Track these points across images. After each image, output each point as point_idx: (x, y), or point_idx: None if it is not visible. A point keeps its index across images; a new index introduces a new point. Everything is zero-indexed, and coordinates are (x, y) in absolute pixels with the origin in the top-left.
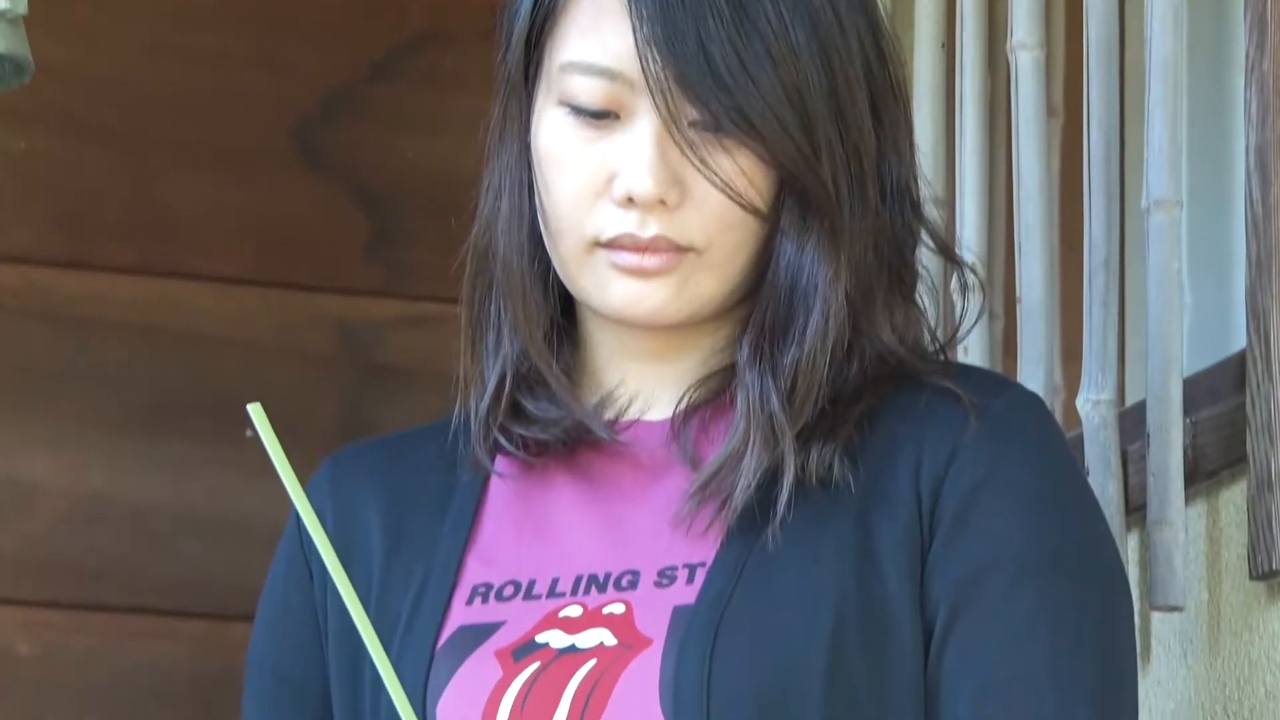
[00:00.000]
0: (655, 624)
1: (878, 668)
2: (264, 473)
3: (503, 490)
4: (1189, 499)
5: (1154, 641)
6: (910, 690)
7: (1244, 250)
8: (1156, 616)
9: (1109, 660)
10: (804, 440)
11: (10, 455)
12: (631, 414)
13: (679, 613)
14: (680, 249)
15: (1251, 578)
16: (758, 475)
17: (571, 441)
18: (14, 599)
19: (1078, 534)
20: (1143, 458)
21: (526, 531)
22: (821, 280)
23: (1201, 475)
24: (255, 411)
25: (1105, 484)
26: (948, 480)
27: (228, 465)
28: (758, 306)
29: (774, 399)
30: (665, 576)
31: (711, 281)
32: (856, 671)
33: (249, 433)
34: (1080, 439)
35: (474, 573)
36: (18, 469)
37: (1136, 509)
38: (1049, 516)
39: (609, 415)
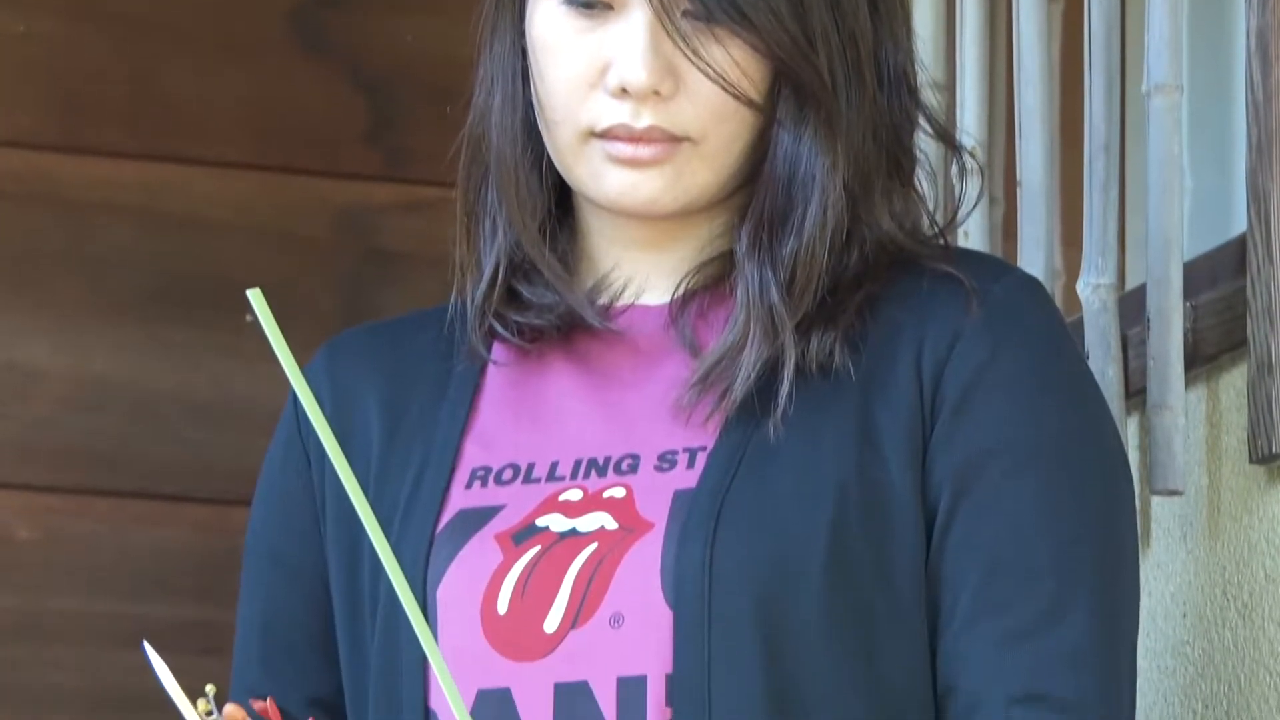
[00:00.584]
0: (656, 508)
1: (879, 554)
2: (264, 358)
3: (499, 377)
4: (1189, 383)
5: (1154, 525)
6: (911, 577)
7: (1244, 134)
8: (1156, 500)
9: (1110, 544)
10: (804, 329)
11: (11, 340)
12: (626, 298)
13: (680, 497)
14: (675, 139)
15: (1251, 461)
16: (757, 367)
17: (568, 328)
18: (15, 483)
19: (1078, 419)
20: (1143, 342)
21: (524, 417)
22: (819, 170)
23: (1201, 359)
24: (255, 297)
25: (1105, 368)
26: (949, 366)
27: (229, 350)
28: (755, 197)
29: (773, 290)
30: (665, 461)
31: (706, 172)
32: (858, 557)
33: (249, 318)
34: (1080, 323)
35: (472, 456)
36: (19, 354)
37: (1136, 393)
38: (1050, 402)
39: (604, 300)
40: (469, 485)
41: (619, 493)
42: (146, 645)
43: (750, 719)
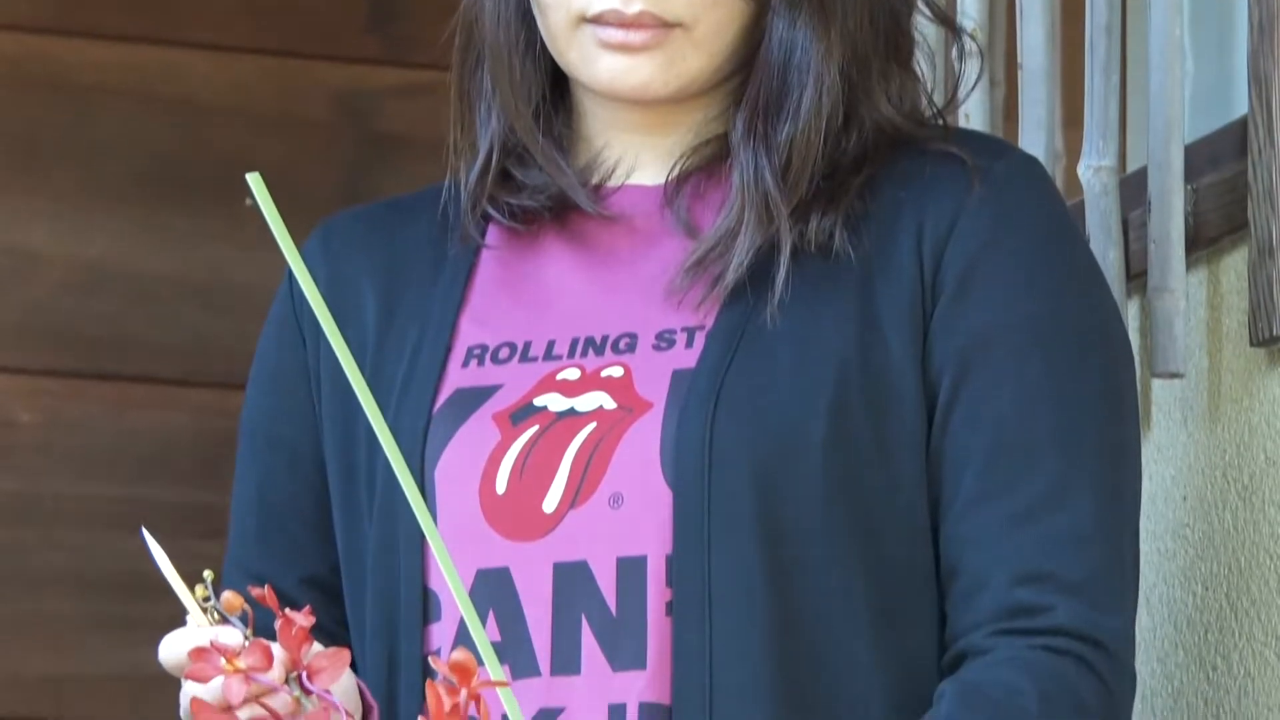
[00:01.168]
0: (654, 388)
1: (879, 434)
2: (263, 242)
3: (495, 259)
4: (1190, 266)
5: (1154, 408)
6: (911, 457)
7: (1246, 15)
8: (1157, 383)
9: (1113, 425)
10: (803, 212)
11: (9, 224)
12: (618, 178)
13: (678, 376)
14: (666, 24)
15: (1252, 344)
16: (751, 253)
17: (562, 210)
18: (14, 367)
19: (1080, 300)
20: (1144, 225)
21: (521, 297)
22: (814, 56)
23: (1202, 242)
24: (254, 181)
25: (1106, 251)
26: (950, 246)
27: (227, 234)
28: (750, 83)
29: (768, 177)
30: (663, 340)
31: (699, 57)
32: (858, 437)
33: (248, 202)
34: (1081, 206)
35: (469, 335)
36: (17, 237)
37: (1137, 276)
38: (1052, 283)
39: (596, 179)
40: (466, 364)
41: (617, 372)
42: (145, 532)
43: (750, 599)
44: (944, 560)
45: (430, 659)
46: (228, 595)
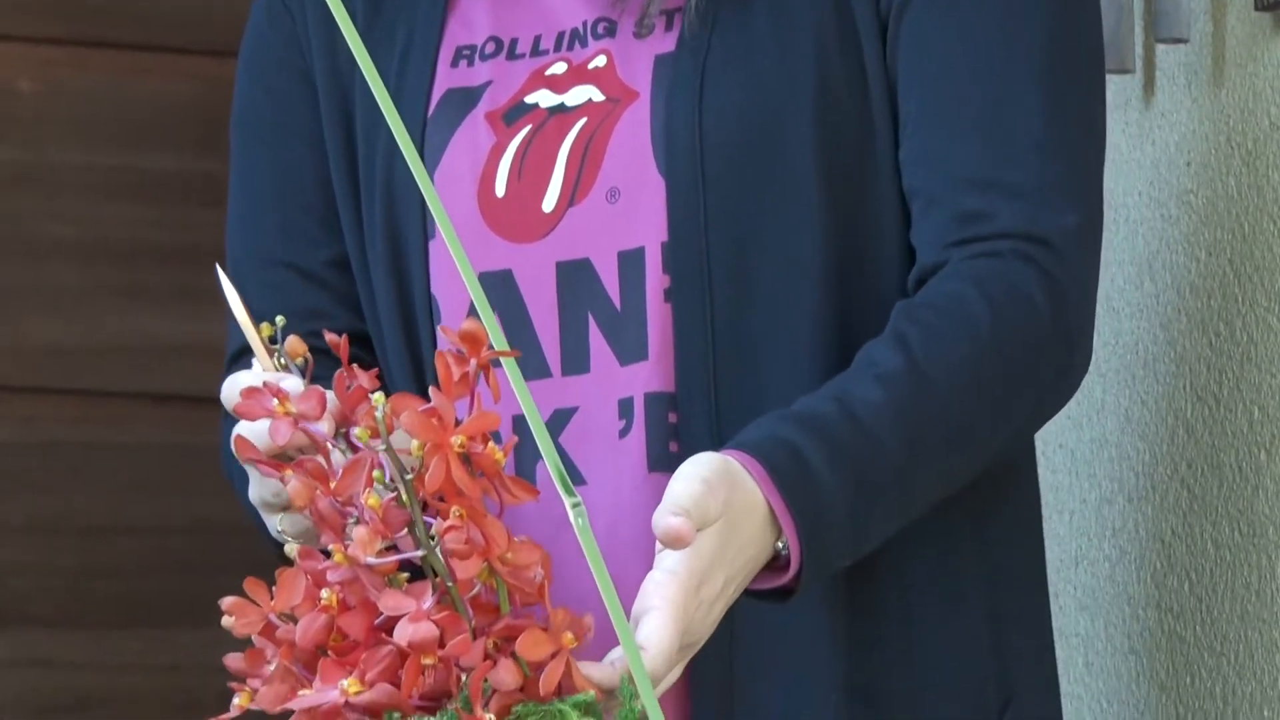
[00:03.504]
0: (638, 75)
1: (859, 91)
2: None
3: None
4: None
5: (1158, 74)
6: (891, 119)
7: None
8: (1160, 48)
9: (1065, 37)
10: None
11: None
12: None
13: (661, 62)
14: None
15: (1256, 9)
16: None
17: None
18: (15, 35)
19: None
20: None
21: None
22: None
23: None
24: None
25: None
26: None
27: None
28: None
29: None
30: (643, 27)
31: None
32: (841, 98)
33: None
34: None
35: (455, 35)
36: None
37: None
38: None
39: None
40: (454, 64)
41: (601, 61)
42: (220, 271)
43: (747, 280)
44: (904, 187)
45: (439, 328)
46: (291, 341)
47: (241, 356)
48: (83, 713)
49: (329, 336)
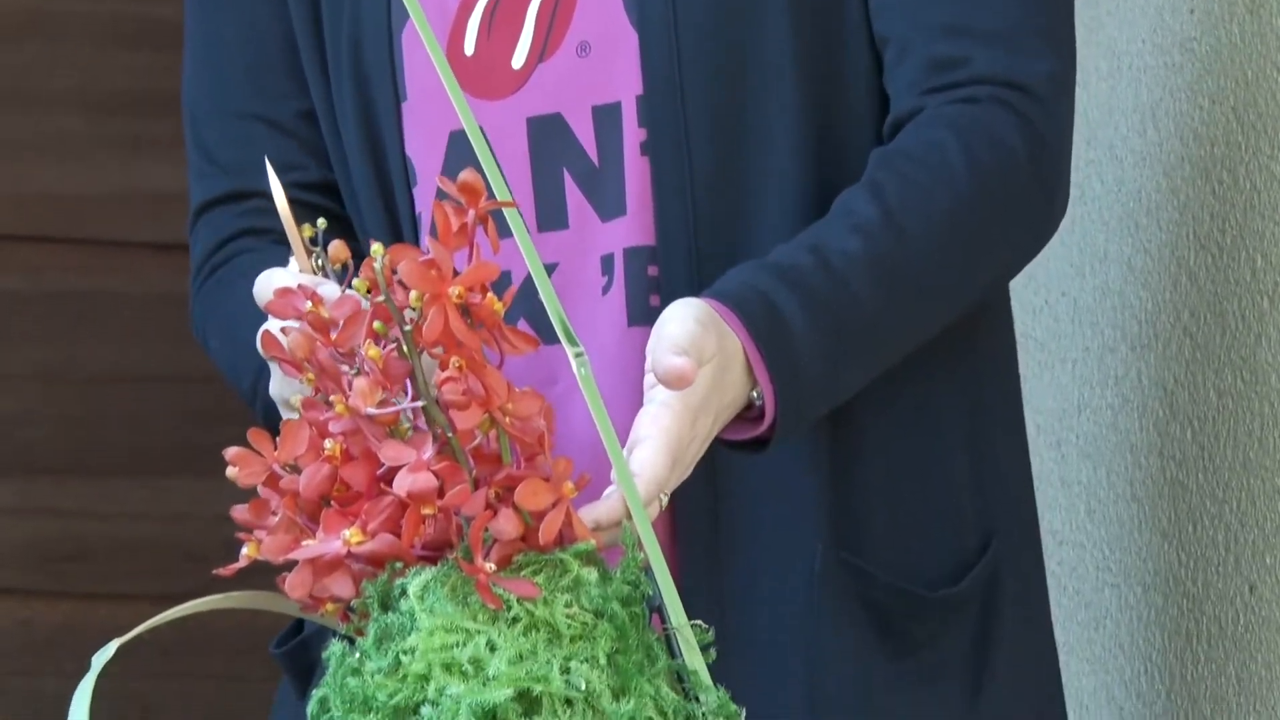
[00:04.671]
0: None
1: None
2: None
3: None
4: None
5: None
6: None
7: None
8: None
9: None
10: None
11: None
12: None
13: None
14: None
15: None
16: None
17: None
18: None
19: None
20: None
21: None
22: None
23: None
24: None
25: None
26: None
27: None
28: None
29: None
30: None
31: None
32: None
33: None
34: None
35: None
36: None
37: None
38: None
39: None
40: None
41: None
42: (268, 164)
43: (724, 133)
44: (875, 35)
45: (438, 178)
46: (335, 245)
47: (210, 209)
48: (87, 561)
49: (373, 244)
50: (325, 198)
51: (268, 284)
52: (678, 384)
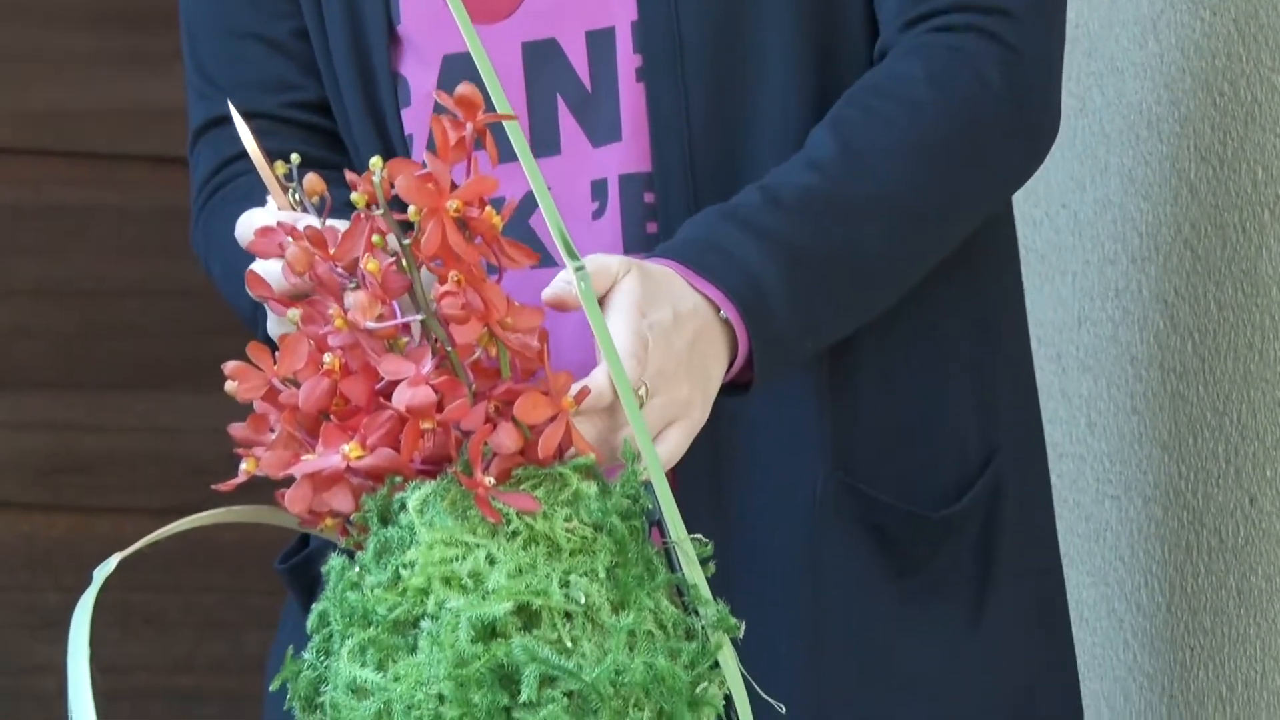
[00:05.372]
0: None
1: None
2: None
3: None
4: None
5: None
6: None
7: None
8: None
9: None
10: None
11: None
12: None
13: None
14: None
15: None
16: None
17: None
18: None
19: None
20: None
21: None
22: None
23: None
24: None
25: None
26: None
27: None
28: None
29: None
30: None
31: None
32: None
33: None
34: None
35: None
36: None
37: None
38: None
39: None
40: None
41: None
42: (232, 106)
43: (718, 54)
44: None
45: (435, 92)
46: (309, 178)
47: (210, 129)
48: (86, 474)
49: (349, 176)
50: (325, 118)
51: (248, 224)
52: (555, 303)
